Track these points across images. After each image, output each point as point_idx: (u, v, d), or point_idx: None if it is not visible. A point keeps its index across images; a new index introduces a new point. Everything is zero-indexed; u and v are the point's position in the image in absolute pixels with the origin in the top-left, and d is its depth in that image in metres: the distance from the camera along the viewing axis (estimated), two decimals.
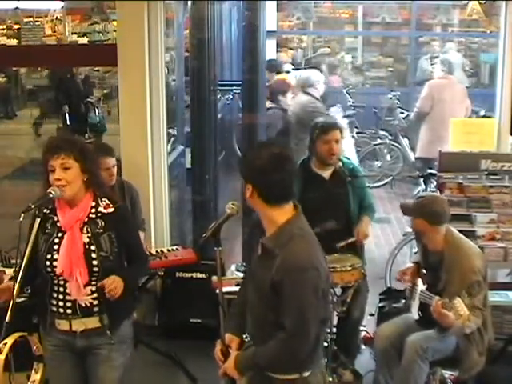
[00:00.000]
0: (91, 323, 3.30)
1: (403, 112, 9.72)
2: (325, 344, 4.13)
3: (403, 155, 9.45)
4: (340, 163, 4.73)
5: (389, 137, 9.56)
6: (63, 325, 3.31)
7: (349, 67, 12.67)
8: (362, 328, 5.03)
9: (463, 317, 3.74)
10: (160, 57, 5.47)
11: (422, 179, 6.13)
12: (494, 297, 4.76)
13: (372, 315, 5.02)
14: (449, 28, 12.57)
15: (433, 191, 5.57)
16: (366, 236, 4.70)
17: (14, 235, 3.23)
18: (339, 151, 4.71)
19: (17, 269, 3.17)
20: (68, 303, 3.28)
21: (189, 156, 6.37)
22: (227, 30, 9.55)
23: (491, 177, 5.18)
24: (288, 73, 9.14)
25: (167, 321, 5.46)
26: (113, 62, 5.43)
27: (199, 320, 5.35)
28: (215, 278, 4.60)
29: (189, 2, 6.64)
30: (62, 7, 13.83)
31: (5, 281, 4.12)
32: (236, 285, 4.47)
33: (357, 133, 9.74)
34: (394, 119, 9.78)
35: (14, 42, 12.61)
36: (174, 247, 5.39)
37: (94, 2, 15.06)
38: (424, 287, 4.18)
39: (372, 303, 5.01)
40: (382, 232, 7.58)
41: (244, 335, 3.08)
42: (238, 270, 5.47)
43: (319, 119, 4.94)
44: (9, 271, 4.40)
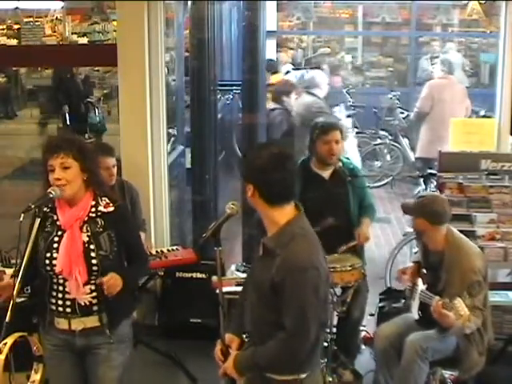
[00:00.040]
0: (90, 322, 3.30)
1: (403, 112, 9.71)
2: (325, 344, 4.13)
3: (403, 155, 9.45)
4: (340, 163, 4.73)
5: (389, 137, 9.56)
6: (62, 324, 3.31)
7: (349, 67, 12.66)
8: (362, 328, 5.03)
9: (463, 317, 3.73)
10: (160, 57, 5.48)
11: (422, 179, 6.13)
12: (494, 297, 4.76)
13: (372, 315, 5.02)
14: (449, 28, 12.57)
15: (433, 191, 5.57)
16: (367, 239, 4.69)
17: (14, 235, 3.23)
18: (339, 151, 4.71)
19: (17, 269, 3.17)
20: (67, 302, 3.28)
21: (189, 156, 6.37)
22: (227, 30, 9.54)
23: (491, 177, 5.19)
24: (288, 73, 9.16)
25: (167, 321, 5.46)
26: (113, 62, 5.44)
27: (199, 320, 5.35)
28: (215, 278, 4.59)
29: (189, 2, 6.63)
30: (62, 7, 13.79)
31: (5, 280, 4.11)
32: (236, 285, 4.47)
33: (357, 133, 9.73)
34: (394, 119, 9.78)
35: (14, 42, 12.57)
36: (174, 247, 5.39)
37: (94, 2, 15.04)
38: (424, 287, 4.18)
39: (372, 303, 5.01)
40: (382, 232, 7.57)
41: (244, 335, 3.08)
42: (238, 270, 5.48)
43: (319, 119, 4.95)
44: (9, 271, 4.38)
